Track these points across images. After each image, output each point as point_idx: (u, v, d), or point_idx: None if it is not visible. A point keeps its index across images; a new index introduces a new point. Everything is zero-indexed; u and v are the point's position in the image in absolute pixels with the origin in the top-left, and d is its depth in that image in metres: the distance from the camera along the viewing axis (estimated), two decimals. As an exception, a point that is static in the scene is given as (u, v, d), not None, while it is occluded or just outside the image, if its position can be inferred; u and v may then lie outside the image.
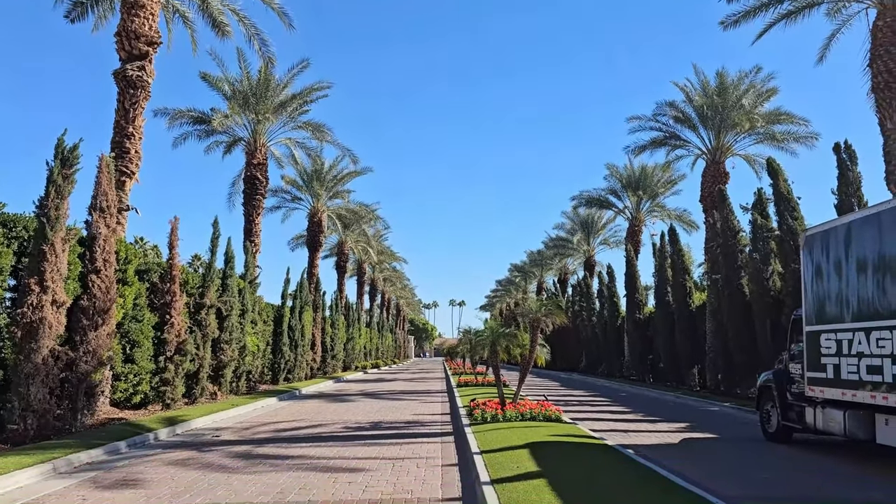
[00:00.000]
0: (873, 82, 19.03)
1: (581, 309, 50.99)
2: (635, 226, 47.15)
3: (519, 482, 8.78)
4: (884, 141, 18.59)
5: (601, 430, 15.46)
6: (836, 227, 12.47)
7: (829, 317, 12.28)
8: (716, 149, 31.20)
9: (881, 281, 10.81)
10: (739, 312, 24.81)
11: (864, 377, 11.09)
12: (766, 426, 14.65)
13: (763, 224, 23.58)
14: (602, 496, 7.97)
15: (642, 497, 7.95)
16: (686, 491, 8.45)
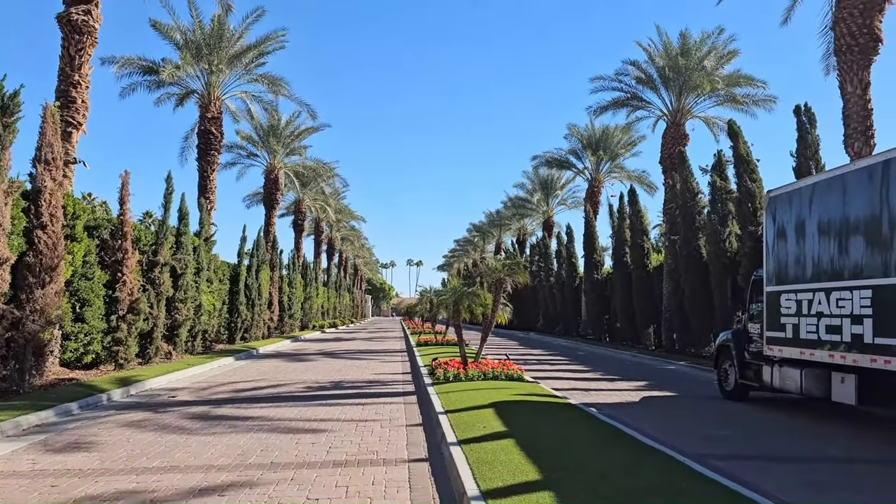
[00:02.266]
0: (836, 45, 19.11)
1: (539, 269, 51.32)
2: (594, 187, 47.34)
3: (487, 442, 8.69)
4: (844, 104, 18.75)
5: (563, 388, 15.55)
6: (800, 189, 12.53)
7: (790, 277, 12.42)
8: (676, 110, 31.27)
9: (843, 242, 10.92)
10: (696, 273, 25.16)
11: (823, 336, 11.27)
12: (724, 384, 14.91)
13: (722, 186, 23.79)
14: (572, 456, 7.93)
15: (613, 456, 7.94)
16: (654, 449, 8.48)
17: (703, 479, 6.98)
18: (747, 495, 6.39)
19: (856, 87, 18.41)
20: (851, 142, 18.47)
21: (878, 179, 10.20)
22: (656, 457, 8.06)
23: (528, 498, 6.18)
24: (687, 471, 7.35)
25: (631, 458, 7.86)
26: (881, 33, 18.49)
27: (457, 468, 7.45)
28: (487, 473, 7.11)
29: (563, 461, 7.62)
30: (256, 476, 7.61)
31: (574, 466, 7.36)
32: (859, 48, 18.48)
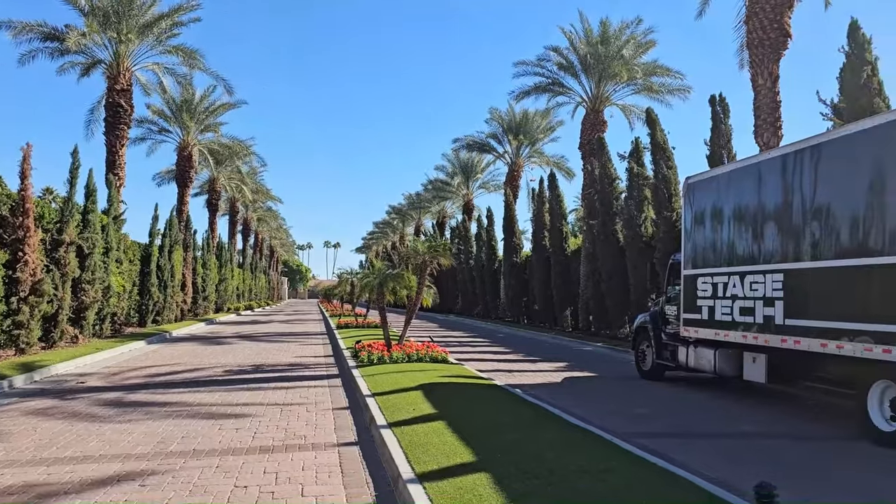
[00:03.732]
0: (748, 38, 19.89)
1: (459, 252, 51.60)
2: (515, 171, 47.87)
3: (417, 425, 8.64)
4: (755, 96, 19.56)
5: (487, 370, 15.68)
6: (717, 176, 12.99)
7: (706, 261, 12.89)
8: (596, 97, 31.90)
9: (757, 228, 11.39)
10: (613, 257, 25.84)
11: (737, 318, 11.76)
12: (642, 365, 15.39)
13: (639, 172, 24.44)
14: (504, 438, 7.97)
15: (542, 437, 8.03)
16: (582, 429, 8.63)
17: (631, 457, 7.15)
18: (675, 471, 6.58)
19: (766, 79, 19.24)
20: (761, 132, 19.30)
21: (791, 169, 10.66)
22: (585, 436, 8.21)
23: (464, 480, 6.16)
24: (615, 449, 7.51)
25: (560, 438, 7.97)
26: (790, 29, 19.35)
27: (389, 451, 7.36)
28: (421, 456, 7.05)
29: (496, 442, 7.65)
30: (179, 464, 7.29)
31: (506, 447, 7.40)
32: (770, 43, 19.30)
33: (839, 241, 9.51)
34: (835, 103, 16.31)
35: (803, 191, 10.32)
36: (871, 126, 9.31)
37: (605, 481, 6.11)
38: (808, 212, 10.15)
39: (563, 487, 5.88)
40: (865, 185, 9.06)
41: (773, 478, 5.75)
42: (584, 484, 5.99)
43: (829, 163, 9.87)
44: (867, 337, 8.81)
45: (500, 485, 5.98)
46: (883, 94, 15.33)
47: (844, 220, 9.41)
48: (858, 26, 15.87)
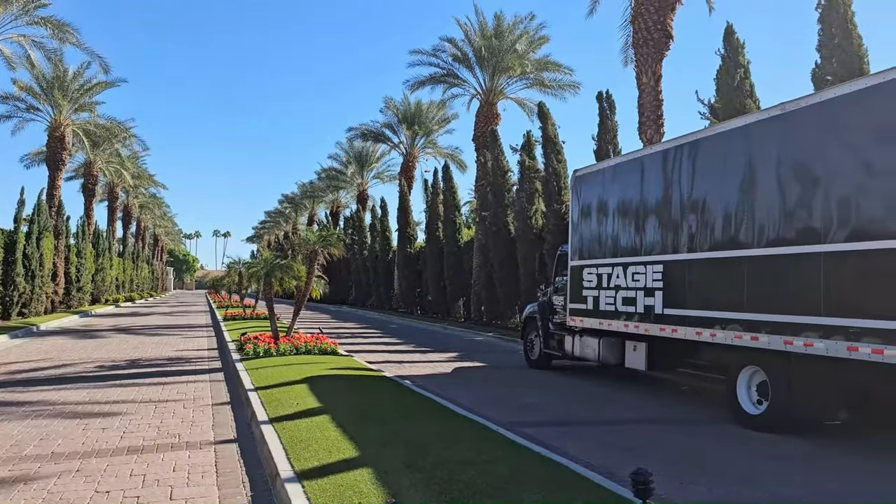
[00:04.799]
0: (634, 38, 20.56)
1: (353, 242, 51.01)
2: (409, 161, 47.73)
3: (301, 419, 8.32)
4: (639, 94, 20.26)
5: (377, 361, 15.48)
6: (603, 170, 13.32)
7: (592, 252, 13.20)
8: (490, 90, 32.21)
9: (640, 220, 11.75)
10: (505, 248, 26.21)
11: (620, 308, 12.12)
12: (530, 354, 15.64)
13: (531, 165, 24.88)
14: (390, 431, 7.81)
15: (430, 428, 7.92)
16: (469, 420, 8.59)
17: (517, 447, 7.15)
18: (559, 460, 6.63)
19: (650, 78, 19.96)
20: (645, 129, 20.02)
21: (670, 164, 11.05)
22: (471, 427, 8.17)
23: (346, 476, 5.95)
24: (501, 439, 7.50)
25: (447, 430, 7.89)
26: (672, 30, 20.14)
27: (268, 448, 7.03)
28: (302, 453, 6.77)
29: (382, 436, 7.47)
30: (33, 469, 6.67)
31: (393, 441, 7.24)
32: (654, 43, 20.02)
33: (713, 234, 9.94)
34: (711, 103, 17.12)
35: (681, 185, 10.71)
36: (741, 125, 9.77)
37: (490, 472, 6.06)
38: (685, 205, 10.56)
39: (448, 480, 5.78)
40: (737, 180, 9.49)
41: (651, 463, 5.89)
42: (469, 476, 5.91)
43: (705, 159, 10.30)
44: (737, 325, 9.25)
45: (382, 480, 5.81)
46: (754, 96, 16.21)
47: (718, 214, 9.84)
48: (733, 31, 16.69)
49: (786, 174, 8.73)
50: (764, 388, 8.96)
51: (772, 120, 9.09)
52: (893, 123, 7.43)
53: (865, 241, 7.56)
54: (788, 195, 8.65)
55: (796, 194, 8.53)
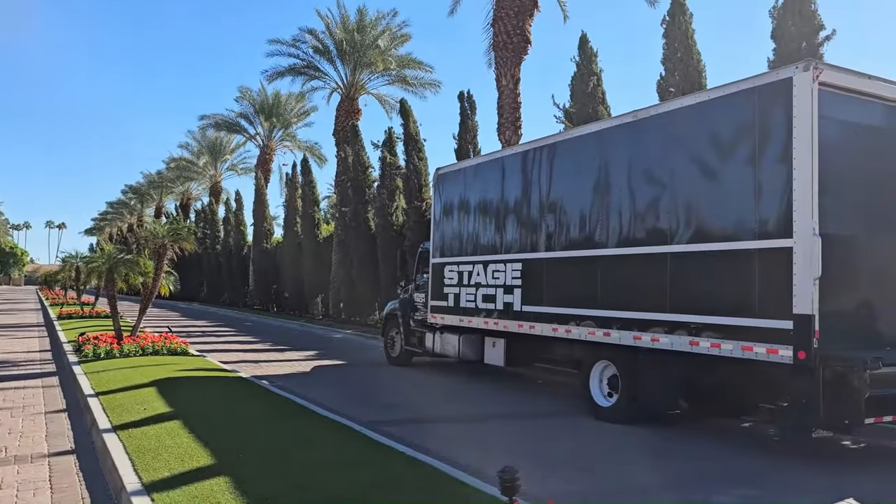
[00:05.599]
0: (494, 41, 21.06)
1: (205, 236, 48.71)
2: (267, 154, 46.28)
3: (149, 426, 7.76)
4: (499, 95, 20.79)
5: (231, 361, 14.83)
6: (465, 168, 13.51)
7: (453, 250, 13.36)
8: (351, 84, 31.84)
9: (500, 219, 12.02)
10: (365, 244, 26.01)
11: (480, 305, 12.34)
12: (391, 351, 15.59)
13: (392, 162, 24.85)
14: (247, 435, 7.46)
15: (289, 431, 7.65)
16: (330, 421, 8.39)
17: (381, 448, 7.06)
18: (424, 460, 6.60)
19: (509, 81, 20.53)
20: (504, 130, 20.57)
21: (529, 165, 11.38)
22: (333, 428, 7.98)
23: (200, 486, 5.59)
24: (365, 440, 7.38)
25: (308, 432, 7.66)
26: (531, 36, 20.83)
27: (112, 459, 6.49)
28: (151, 462, 6.30)
29: (239, 441, 7.12)
30: None
31: (250, 446, 6.92)
32: (513, 46, 20.61)
33: (570, 233, 10.35)
34: (567, 108, 17.87)
35: (540, 186, 11.06)
36: (596, 130, 10.26)
37: (354, 475, 5.93)
38: (544, 206, 10.91)
39: (311, 485, 5.59)
40: (591, 183, 9.93)
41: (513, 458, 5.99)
42: (332, 479, 5.75)
43: (562, 161, 10.69)
44: (591, 321, 9.68)
45: (240, 488, 5.51)
46: (606, 103, 17.10)
47: (574, 215, 10.26)
48: (587, 40, 17.51)
49: (636, 178, 9.24)
50: (614, 381, 9.43)
51: (623, 127, 9.59)
52: (728, 134, 8.06)
53: (706, 243, 8.14)
54: (639, 198, 9.15)
55: (646, 197, 9.05)
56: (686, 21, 15.06)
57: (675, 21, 15.10)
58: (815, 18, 12.47)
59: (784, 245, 7.16)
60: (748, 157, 7.75)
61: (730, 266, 7.85)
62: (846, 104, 7.52)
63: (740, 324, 7.60)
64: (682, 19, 15.04)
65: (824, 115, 7.13)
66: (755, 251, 7.56)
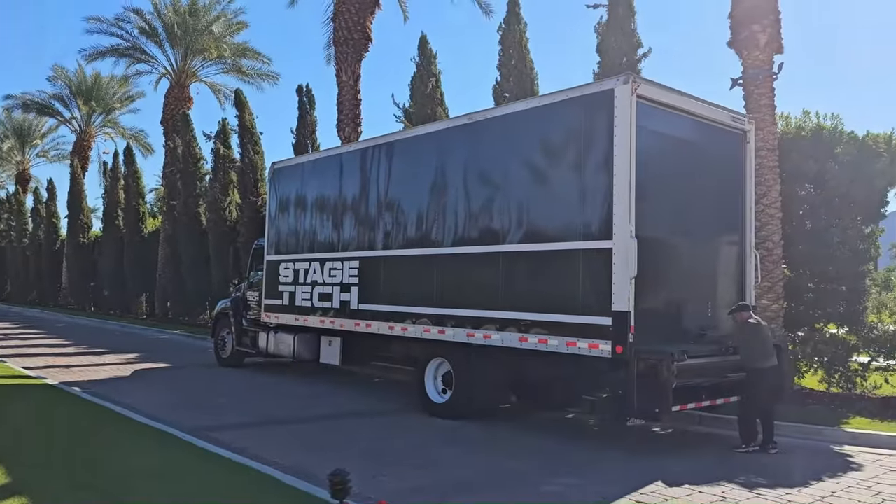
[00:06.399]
0: (335, 36, 20.70)
1: (10, 229, 44.07)
2: (84, 140, 42.56)
3: (-69, 444, 6.84)
4: (339, 91, 20.47)
5: (39, 367, 13.47)
6: (303, 164, 13.20)
7: (289, 247, 13.00)
8: (182, 71, 30.09)
9: (338, 216, 11.85)
10: (195, 240, 24.70)
11: (316, 304, 12.10)
12: (221, 352, 14.90)
13: (226, 154, 23.78)
14: (54, 448, 6.79)
15: (103, 441, 7.06)
16: (150, 428, 7.85)
17: (205, 455, 6.70)
18: (249, 465, 6.34)
19: (349, 77, 20.29)
20: (343, 126, 20.29)
21: (368, 163, 11.31)
22: (154, 436, 7.48)
23: (-7, 509, 4.99)
24: (188, 448, 6.97)
25: (124, 441, 7.12)
26: (371, 33, 20.71)
27: None
28: (-69, 486, 5.54)
29: (43, 455, 6.46)
30: None
31: (56, 459, 6.30)
32: (354, 43, 20.38)
33: (407, 232, 10.40)
34: (406, 108, 17.98)
35: (379, 184, 11.03)
36: (434, 130, 10.43)
37: (176, 485, 5.56)
38: (382, 204, 10.89)
39: (127, 499, 5.16)
40: (429, 182, 10.05)
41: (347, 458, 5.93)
42: (150, 491, 5.36)
43: (401, 160, 10.73)
44: (427, 319, 9.80)
45: (42, 509, 4.98)
46: (444, 105, 17.39)
47: (412, 214, 10.33)
48: (427, 41, 17.72)
49: (471, 179, 9.46)
50: (449, 378, 9.60)
51: (460, 128, 9.79)
52: (557, 140, 8.48)
53: (536, 243, 8.50)
54: (473, 199, 9.37)
55: (480, 198, 9.28)
56: (521, 30, 15.67)
57: (511, 29, 15.66)
58: (635, 37, 13.41)
59: (605, 246, 7.63)
60: (574, 162, 8.19)
61: (557, 265, 8.25)
62: (660, 117, 8.16)
63: (565, 320, 8.01)
64: (516, 28, 15.63)
65: (641, 126, 7.68)
66: (580, 251, 8.00)
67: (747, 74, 11.26)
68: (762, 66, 11.14)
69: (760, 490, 6.25)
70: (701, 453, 7.85)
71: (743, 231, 9.25)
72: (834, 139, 11.46)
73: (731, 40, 11.50)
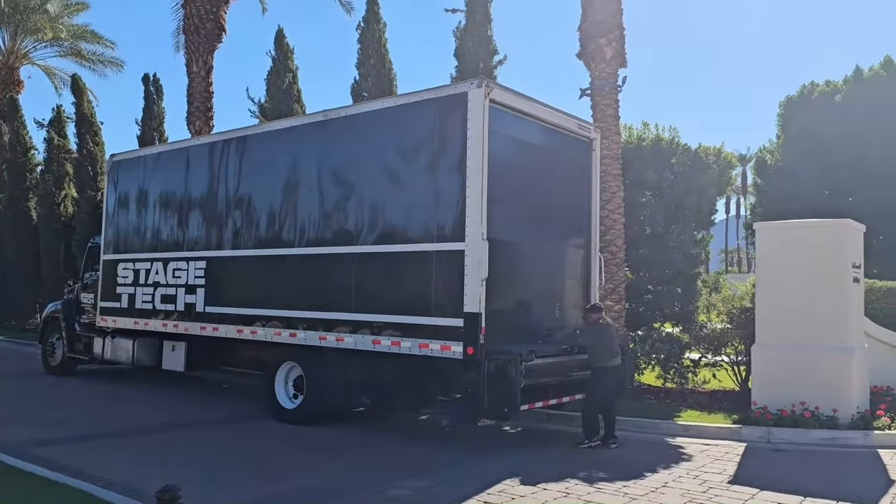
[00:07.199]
0: (185, 24, 19.59)
1: None
2: None
3: None
4: (189, 82, 19.40)
5: None
6: (145, 157, 12.37)
7: (129, 246, 12.15)
8: (11, 51, 27.48)
9: (184, 214, 11.18)
10: (24, 237, 22.59)
11: (159, 306, 11.37)
12: (50, 359, 13.69)
13: (61, 144, 21.96)
14: None
15: None
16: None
17: (20, 475, 6.04)
18: (69, 483, 5.78)
19: (201, 68, 19.28)
20: (194, 119, 19.26)
21: (218, 158, 10.76)
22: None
23: None
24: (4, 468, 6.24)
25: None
26: (225, 23, 19.82)
27: None
28: None
29: None
30: None
31: None
32: (206, 32, 19.39)
33: (258, 231, 9.99)
34: (262, 103, 17.38)
35: (228, 180, 10.52)
36: (288, 126, 10.11)
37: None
38: (232, 201, 10.40)
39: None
40: (282, 180, 9.70)
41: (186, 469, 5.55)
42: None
43: (253, 156, 10.29)
44: (278, 322, 9.45)
45: None
46: (301, 101, 16.97)
47: (264, 212, 9.94)
48: (284, 35, 17.23)
49: (326, 178, 9.22)
50: (300, 382, 9.30)
51: (315, 125, 9.53)
52: (412, 141, 8.43)
53: (390, 245, 8.41)
54: (328, 198, 9.14)
55: (334, 198, 9.07)
56: (380, 29, 15.56)
57: (370, 28, 15.52)
58: (491, 43, 13.70)
59: (457, 248, 7.67)
60: (428, 164, 8.18)
61: (411, 267, 8.20)
62: (512, 122, 8.32)
63: (419, 322, 7.98)
64: (376, 27, 15.50)
65: (494, 130, 7.79)
66: (433, 253, 7.99)
67: (594, 85, 11.79)
68: (608, 77, 11.70)
69: (601, 484, 6.49)
70: (548, 450, 8.07)
71: (589, 235, 9.64)
72: (671, 150, 12.28)
73: (581, 52, 12.00)
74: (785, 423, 8.52)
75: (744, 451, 7.91)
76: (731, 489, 6.40)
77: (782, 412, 8.64)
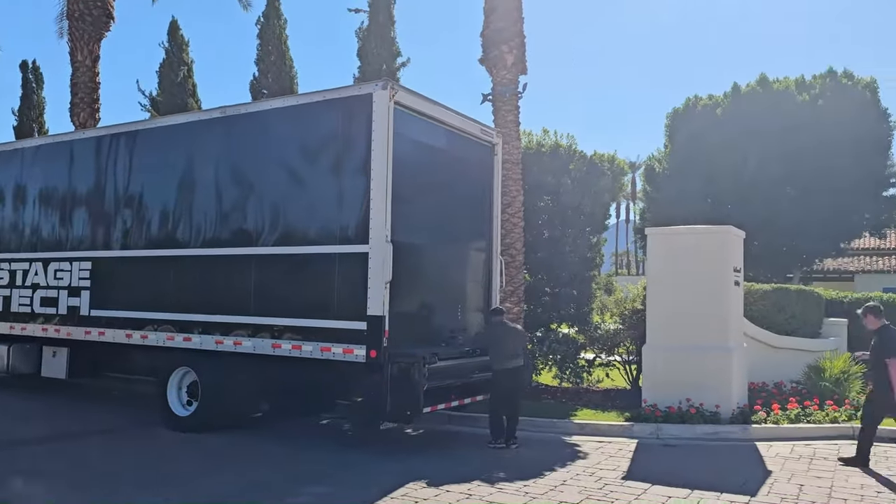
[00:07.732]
0: (69, 9, 18.45)
1: None
2: None
3: None
4: (73, 71, 18.28)
5: None
6: (22, 150, 11.56)
7: (5, 245, 11.32)
8: None
9: (67, 211, 10.53)
10: None
11: (38, 310, 10.66)
12: None
13: (-76, 133, 20.17)
14: None
15: None
16: None
17: None
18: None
19: (86, 57, 18.22)
20: (78, 111, 18.17)
21: (105, 153, 10.20)
22: None
23: None
24: None
25: None
26: (114, 10, 18.83)
27: None
28: None
29: None
30: None
31: None
32: (93, 19, 18.34)
33: (150, 230, 9.54)
34: (153, 96, 16.64)
35: (117, 177, 9.99)
36: (183, 122, 9.72)
37: None
38: (121, 199, 9.88)
39: None
40: (177, 178, 9.31)
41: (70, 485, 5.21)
42: None
43: (145, 152, 9.82)
44: (171, 326, 9.06)
45: None
46: (197, 96, 16.40)
47: (156, 211, 9.49)
48: (179, 27, 16.59)
49: (224, 177, 8.92)
50: (195, 388, 8.92)
51: (213, 122, 9.20)
52: (315, 141, 8.31)
53: (291, 246, 8.24)
54: (226, 198, 8.85)
55: (233, 197, 8.79)
56: (280, 26, 15.26)
57: (270, 24, 15.20)
58: (395, 45, 13.71)
59: (361, 250, 7.61)
60: (332, 165, 8.08)
61: (313, 269, 8.07)
62: (416, 125, 8.34)
63: (321, 325, 7.87)
64: (276, 23, 15.19)
65: (398, 133, 7.78)
66: (336, 255, 7.89)
67: (496, 91, 12.02)
68: (509, 84, 11.95)
69: (502, 484, 6.60)
70: (450, 452, 8.13)
71: (490, 238, 9.79)
72: (569, 156, 12.68)
73: (483, 58, 12.20)
74: (673, 420, 8.97)
75: (636, 448, 8.27)
76: (625, 485, 6.67)
77: (670, 409, 9.09)
